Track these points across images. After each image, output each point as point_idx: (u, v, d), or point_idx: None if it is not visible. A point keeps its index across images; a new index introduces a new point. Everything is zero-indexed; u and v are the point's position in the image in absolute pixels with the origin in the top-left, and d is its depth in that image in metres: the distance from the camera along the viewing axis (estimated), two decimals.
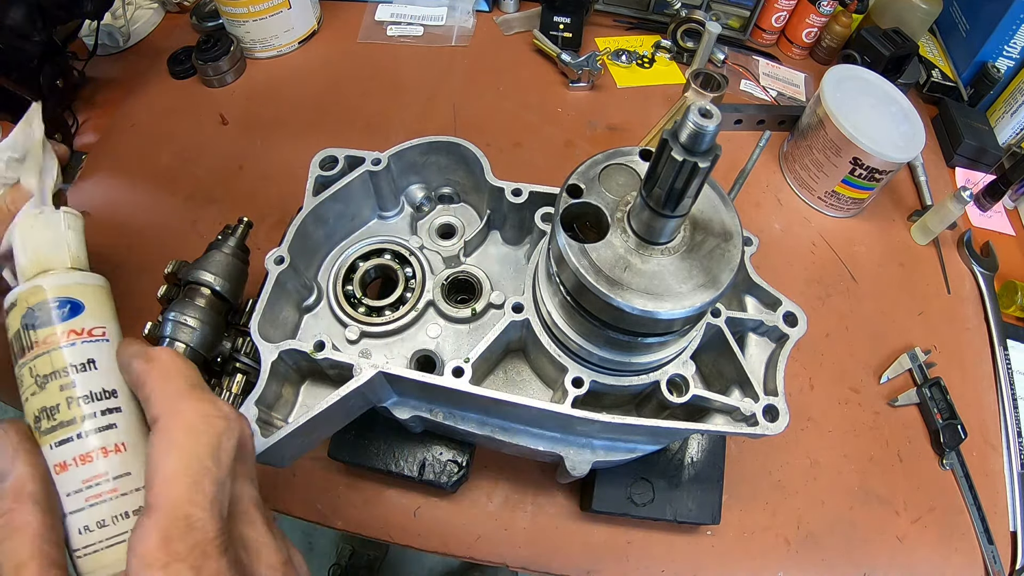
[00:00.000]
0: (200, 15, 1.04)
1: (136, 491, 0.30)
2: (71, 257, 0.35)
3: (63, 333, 0.32)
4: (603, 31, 1.08)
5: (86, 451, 0.30)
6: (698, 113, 0.30)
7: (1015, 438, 0.72)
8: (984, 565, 0.65)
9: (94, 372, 0.31)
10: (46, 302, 0.32)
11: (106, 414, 0.31)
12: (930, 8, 1.00)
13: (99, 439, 0.30)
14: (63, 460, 0.29)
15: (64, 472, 0.29)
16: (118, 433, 0.31)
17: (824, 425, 0.71)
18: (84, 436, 0.30)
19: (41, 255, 0.34)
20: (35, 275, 0.33)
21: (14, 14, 0.75)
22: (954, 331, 0.80)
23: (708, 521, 0.58)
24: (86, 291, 0.34)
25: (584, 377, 0.47)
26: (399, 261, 0.58)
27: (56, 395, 0.30)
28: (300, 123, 0.92)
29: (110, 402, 0.31)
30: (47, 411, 0.30)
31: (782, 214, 0.89)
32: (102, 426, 0.30)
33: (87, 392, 0.31)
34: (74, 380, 0.31)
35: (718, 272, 0.39)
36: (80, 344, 0.32)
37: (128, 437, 0.31)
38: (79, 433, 0.30)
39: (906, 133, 0.81)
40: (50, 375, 0.30)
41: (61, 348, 0.31)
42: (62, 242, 0.35)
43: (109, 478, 0.30)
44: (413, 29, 1.05)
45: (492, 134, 0.92)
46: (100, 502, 0.29)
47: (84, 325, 0.32)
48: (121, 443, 0.31)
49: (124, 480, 0.30)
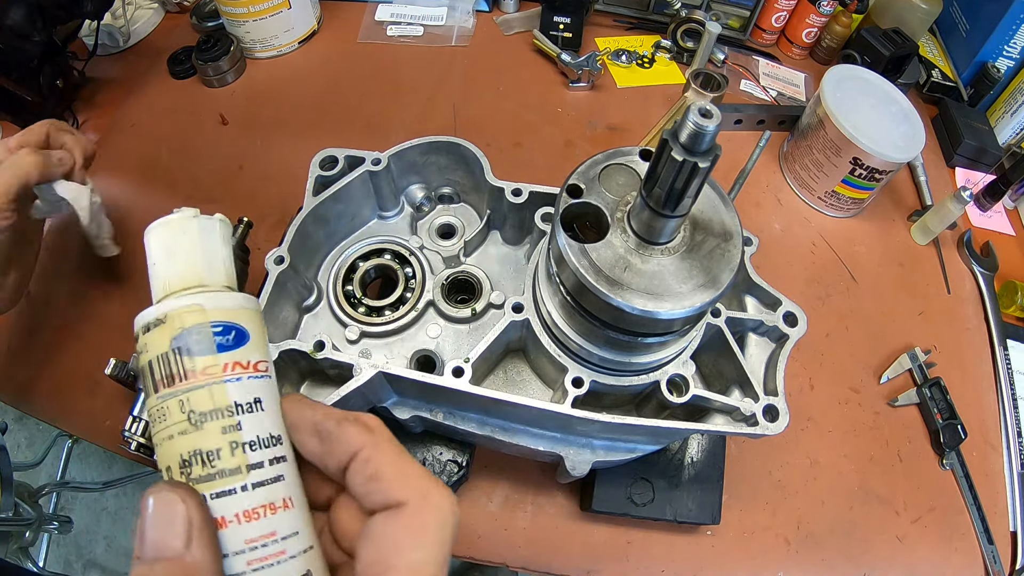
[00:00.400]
0: (200, 15, 1.04)
1: (304, 553, 0.26)
2: (227, 275, 0.29)
3: (227, 365, 0.26)
4: (603, 31, 1.08)
5: (252, 506, 0.25)
6: (698, 113, 0.30)
7: (1015, 438, 0.72)
8: (984, 565, 0.65)
9: (261, 414, 0.27)
10: (205, 325, 0.26)
11: (274, 464, 0.26)
12: (930, 8, 1.00)
13: (266, 493, 0.26)
14: (223, 515, 0.25)
15: (223, 529, 0.25)
16: (286, 486, 0.27)
17: (824, 425, 0.71)
18: (250, 489, 0.25)
19: (196, 268, 0.28)
20: (183, 291, 0.27)
21: (14, 14, 0.75)
22: (954, 331, 0.80)
23: (708, 521, 0.58)
24: (249, 317, 0.28)
25: (584, 377, 0.47)
26: (399, 261, 0.58)
27: (216, 438, 0.25)
28: (300, 123, 0.92)
29: (277, 450, 0.27)
30: (202, 456, 0.25)
31: (782, 214, 0.89)
32: (270, 478, 0.26)
33: (254, 437, 0.26)
34: (240, 422, 0.26)
35: (718, 272, 0.39)
36: (246, 380, 0.27)
37: (294, 491, 0.27)
38: (244, 485, 0.25)
39: (906, 133, 0.81)
40: (210, 413, 0.25)
41: (224, 382, 0.26)
42: (220, 255, 0.29)
43: (277, 538, 0.25)
44: (413, 29, 1.05)
45: (492, 134, 0.92)
46: (265, 566, 0.25)
47: (249, 358, 0.27)
48: (288, 498, 0.26)
49: (292, 540, 0.26)
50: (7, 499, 0.99)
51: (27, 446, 1.68)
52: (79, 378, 0.68)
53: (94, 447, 1.56)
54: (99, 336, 0.71)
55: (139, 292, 0.73)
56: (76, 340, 0.71)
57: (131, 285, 0.74)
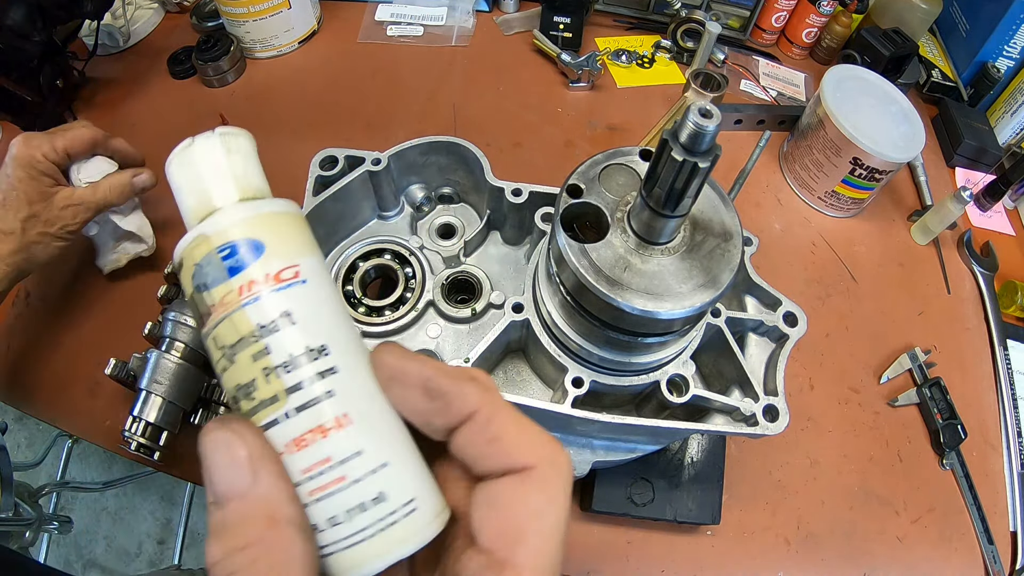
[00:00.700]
0: (200, 15, 1.04)
1: (373, 473, 0.23)
2: (238, 187, 0.26)
3: (241, 287, 0.23)
4: (603, 31, 1.08)
5: (299, 433, 0.23)
6: (698, 113, 0.30)
7: (1015, 438, 0.72)
8: (984, 565, 0.65)
9: (291, 328, 0.23)
10: (213, 253, 0.24)
11: (318, 380, 0.23)
12: (930, 8, 1.00)
13: (313, 416, 0.23)
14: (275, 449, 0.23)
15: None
16: (337, 402, 0.23)
17: (824, 425, 0.71)
18: (293, 415, 0.23)
19: (202, 196, 0.26)
20: (198, 223, 0.25)
21: (14, 14, 0.75)
22: (954, 331, 0.80)
23: (708, 521, 0.58)
24: (262, 224, 0.25)
25: (584, 377, 0.47)
26: (399, 261, 0.58)
27: (249, 368, 0.23)
28: (300, 123, 0.92)
29: (320, 363, 0.23)
30: (243, 389, 0.23)
31: (782, 214, 0.89)
32: (314, 398, 0.23)
33: (287, 357, 0.23)
34: (267, 345, 0.23)
35: (718, 272, 0.39)
36: (266, 295, 0.23)
37: (352, 405, 0.23)
38: (285, 412, 0.23)
39: (906, 133, 0.81)
40: (237, 344, 0.23)
41: (243, 307, 0.23)
42: (222, 172, 0.26)
43: (333, 463, 0.22)
44: (413, 29, 1.05)
45: (492, 134, 0.92)
46: (324, 496, 0.22)
47: (267, 270, 0.24)
48: (342, 415, 0.23)
49: (354, 462, 0.23)
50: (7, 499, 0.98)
51: (27, 446, 1.68)
52: (79, 378, 0.68)
53: (94, 447, 1.56)
54: (99, 336, 0.71)
55: (139, 292, 0.73)
56: (76, 340, 0.71)
57: (131, 284, 0.74)
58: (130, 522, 1.61)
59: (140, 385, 0.57)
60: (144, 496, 1.63)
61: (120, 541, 1.59)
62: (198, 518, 1.60)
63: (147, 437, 0.57)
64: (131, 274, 0.75)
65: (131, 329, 0.61)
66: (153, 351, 0.58)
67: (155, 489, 1.63)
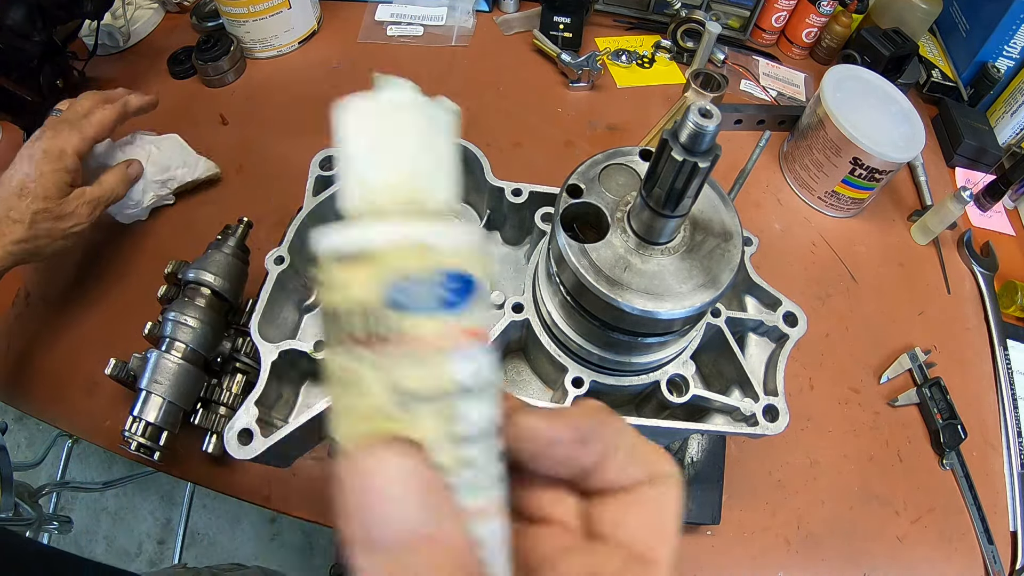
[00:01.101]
0: (200, 15, 1.04)
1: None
2: (453, 191, 0.20)
3: (460, 332, 0.18)
4: (603, 31, 1.08)
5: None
6: (698, 113, 0.30)
7: (1015, 438, 0.72)
8: (984, 565, 0.65)
9: (486, 399, 0.19)
10: (434, 273, 0.18)
11: (488, 463, 0.19)
12: (930, 8, 1.00)
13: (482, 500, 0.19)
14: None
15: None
16: (497, 488, 0.20)
17: (824, 425, 0.71)
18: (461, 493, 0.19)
19: (417, 177, 0.19)
20: (395, 209, 0.19)
21: (14, 14, 0.75)
22: (954, 331, 0.80)
23: (708, 521, 0.58)
24: (480, 261, 0.19)
25: (584, 377, 0.47)
26: None
27: (425, 427, 0.17)
28: (300, 123, 0.92)
29: (493, 443, 0.19)
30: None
31: (782, 214, 0.89)
32: (485, 483, 0.19)
33: (474, 430, 0.18)
34: (462, 410, 0.18)
35: (718, 272, 0.39)
36: (476, 353, 0.18)
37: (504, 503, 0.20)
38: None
39: (906, 133, 0.81)
40: (425, 396, 0.17)
41: (453, 355, 0.18)
42: (447, 160, 0.20)
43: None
44: (413, 29, 1.05)
45: (492, 134, 0.92)
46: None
47: (479, 321, 0.19)
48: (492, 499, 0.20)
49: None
50: (7, 499, 0.98)
51: (27, 446, 1.68)
52: (79, 378, 0.68)
53: (94, 447, 1.56)
54: (99, 336, 0.71)
55: (139, 292, 0.73)
56: (76, 340, 0.71)
57: (131, 284, 0.74)
58: (130, 522, 1.61)
59: (140, 385, 0.57)
60: (144, 496, 1.63)
61: (120, 541, 1.59)
62: (198, 518, 1.60)
63: (147, 437, 0.57)
64: (131, 274, 0.75)
65: (131, 329, 0.61)
66: (153, 351, 0.58)
67: (155, 489, 1.63)
